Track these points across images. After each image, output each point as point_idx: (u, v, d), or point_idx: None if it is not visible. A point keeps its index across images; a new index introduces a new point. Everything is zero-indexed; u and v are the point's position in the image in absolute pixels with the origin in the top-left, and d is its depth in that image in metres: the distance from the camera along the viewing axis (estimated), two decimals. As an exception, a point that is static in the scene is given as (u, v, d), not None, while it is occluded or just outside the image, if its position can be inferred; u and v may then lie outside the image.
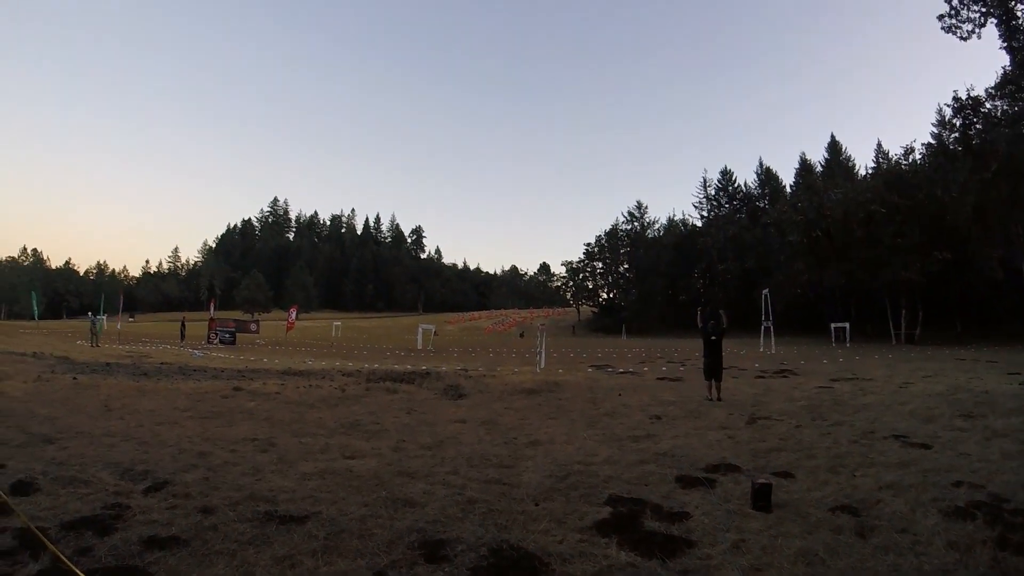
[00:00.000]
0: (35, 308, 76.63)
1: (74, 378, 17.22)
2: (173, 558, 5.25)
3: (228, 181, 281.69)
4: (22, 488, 7.01)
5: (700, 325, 15.43)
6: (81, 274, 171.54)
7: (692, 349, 36.75)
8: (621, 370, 24.04)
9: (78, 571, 4.49)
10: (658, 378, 19.88)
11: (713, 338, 15.10)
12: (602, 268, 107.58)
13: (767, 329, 38.63)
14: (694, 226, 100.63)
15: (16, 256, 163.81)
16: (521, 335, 73.55)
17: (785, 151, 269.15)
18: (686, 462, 8.39)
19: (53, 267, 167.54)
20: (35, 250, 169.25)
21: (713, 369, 14.68)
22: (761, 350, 35.84)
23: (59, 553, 4.77)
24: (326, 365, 25.06)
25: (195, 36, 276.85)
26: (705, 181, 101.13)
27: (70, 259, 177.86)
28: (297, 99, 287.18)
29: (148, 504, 6.63)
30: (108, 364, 22.45)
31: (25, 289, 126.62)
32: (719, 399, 14.21)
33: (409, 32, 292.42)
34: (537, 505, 6.63)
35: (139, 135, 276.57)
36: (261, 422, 11.77)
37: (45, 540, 4.96)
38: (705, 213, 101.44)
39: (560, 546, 5.45)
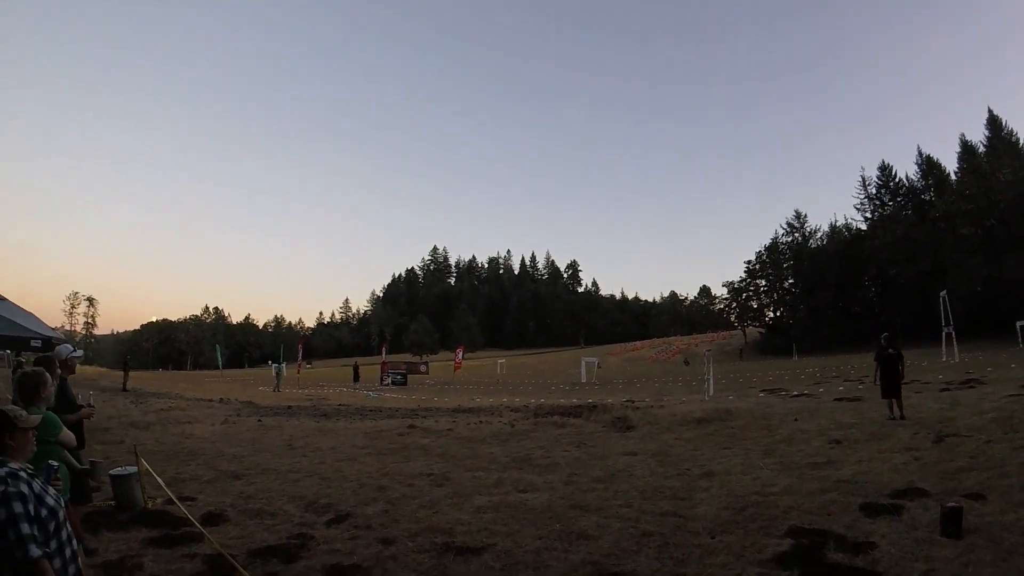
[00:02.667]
0: (219, 359, 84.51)
1: (259, 420, 18.65)
2: (355, 586, 5.39)
3: (391, 234, 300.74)
4: (212, 519, 7.59)
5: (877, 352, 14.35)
6: (260, 327, 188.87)
7: (870, 366, 33.84)
8: (795, 393, 22.49)
9: None
10: (835, 399, 18.37)
11: (890, 351, 13.94)
12: (765, 285, 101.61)
13: (948, 335, 34.78)
14: (858, 230, 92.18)
15: (199, 314, 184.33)
16: (686, 363, 71.14)
17: (943, 132, 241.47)
18: (870, 488, 7.75)
19: (234, 322, 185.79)
20: (216, 308, 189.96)
21: (892, 386, 13.54)
22: (944, 359, 32.29)
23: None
24: (494, 402, 25.50)
25: (338, 95, 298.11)
26: (864, 180, 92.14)
27: (249, 314, 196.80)
28: (451, 145, 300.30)
29: (331, 535, 6.91)
30: (290, 407, 24.18)
31: (209, 343, 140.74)
32: (902, 417, 13.02)
33: (550, 66, 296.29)
34: (714, 538, 6.31)
35: (306, 195, 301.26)
36: (436, 457, 12.10)
37: (235, 563, 5.22)
38: (868, 214, 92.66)
39: None
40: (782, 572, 5.23)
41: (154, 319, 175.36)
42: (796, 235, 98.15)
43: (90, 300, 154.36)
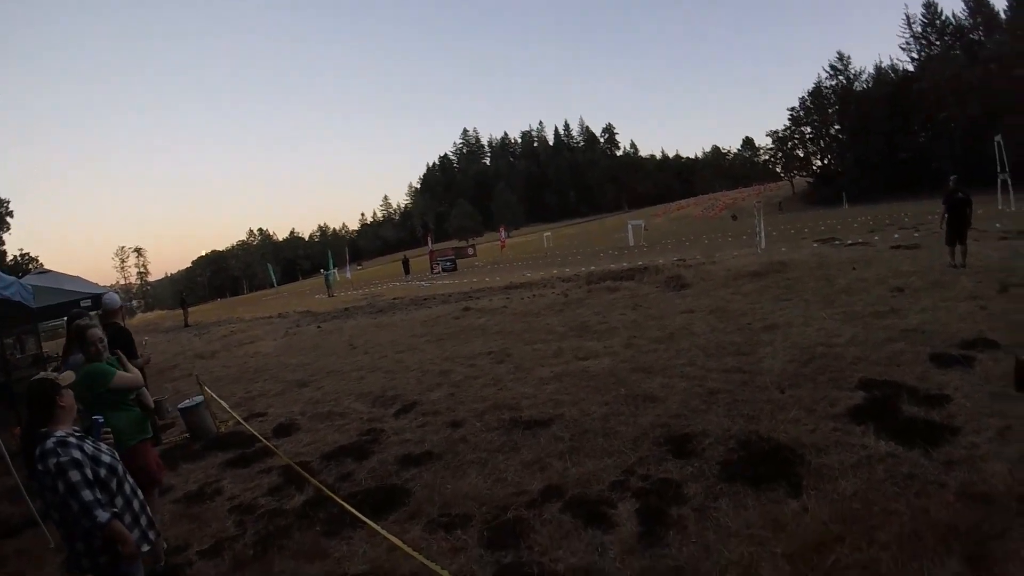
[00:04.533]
0: (272, 276, 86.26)
1: (318, 327, 19.02)
2: (428, 472, 5.44)
3: (420, 122, 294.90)
4: (284, 430, 7.75)
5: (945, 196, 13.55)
6: (307, 239, 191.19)
7: (924, 212, 32.66)
8: (849, 242, 21.75)
9: (335, 496, 4.71)
10: (892, 247, 17.64)
11: (959, 195, 13.15)
12: (811, 133, 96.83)
13: (1003, 183, 32.86)
14: (905, 71, 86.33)
15: (245, 238, 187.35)
16: (734, 217, 69.57)
17: None
18: (938, 338, 7.30)
19: (280, 239, 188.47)
20: (261, 229, 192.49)
21: (957, 232, 12.83)
22: (1000, 207, 30.64)
23: (317, 483, 5.03)
24: (544, 275, 25.48)
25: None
26: (908, 18, 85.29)
27: (294, 229, 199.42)
28: (468, 20, 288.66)
29: (400, 426, 6.98)
30: (346, 309, 24.63)
31: (260, 264, 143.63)
32: (963, 265, 12.42)
33: None
34: (783, 392, 6.10)
35: (332, 98, 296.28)
36: (494, 336, 12.14)
37: (304, 473, 5.27)
38: (915, 55, 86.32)
39: (813, 435, 4.95)
40: (856, 426, 5.02)
41: (203, 253, 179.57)
42: (840, 78, 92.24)
43: (137, 250, 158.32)
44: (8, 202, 40.00)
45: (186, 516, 5.51)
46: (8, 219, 39.93)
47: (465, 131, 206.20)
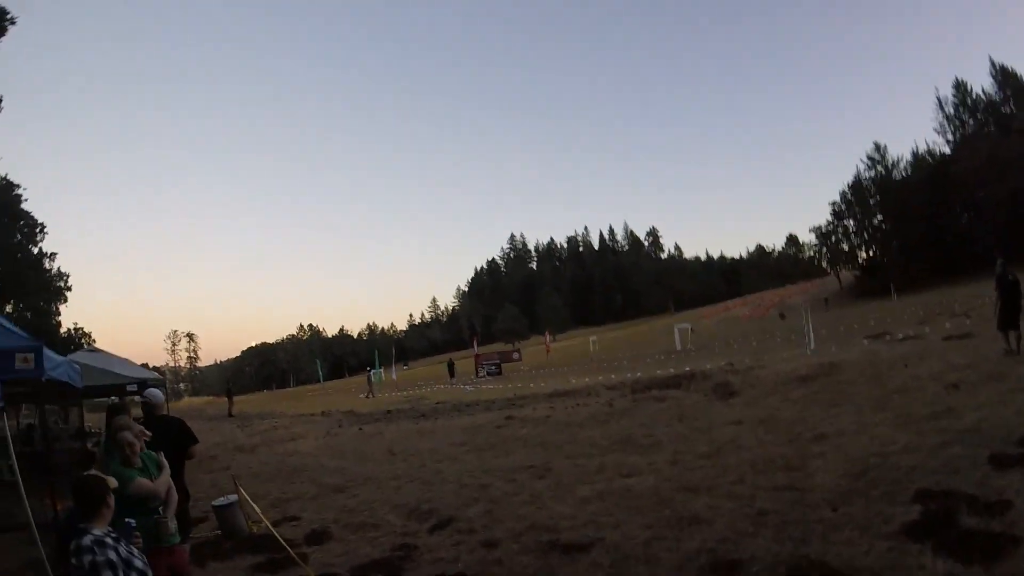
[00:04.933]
0: (319, 372, 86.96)
1: (360, 429, 18.97)
2: (460, 597, 5.18)
3: (468, 228, 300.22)
4: (316, 538, 7.59)
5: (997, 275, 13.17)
6: (355, 336, 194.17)
7: (972, 296, 32.00)
8: (901, 336, 21.13)
9: None
10: (944, 338, 17.11)
11: (1010, 277, 12.78)
12: (854, 226, 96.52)
13: None
14: (942, 154, 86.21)
15: (295, 332, 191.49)
16: (782, 316, 68.59)
17: (1014, 39, 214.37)
18: (996, 437, 6.95)
19: (329, 335, 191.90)
20: (311, 324, 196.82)
21: (1010, 317, 12.38)
22: None
23: None
24: (589, 381, 25.09)
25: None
26: (940, 100, 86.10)
27: (343, 326, 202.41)
28: (514, 130, 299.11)
29: (434, 543, 6.77)
30: (389, 411, 24.53)
31: (308, 359, 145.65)
32: (1018, 351, 11.93)
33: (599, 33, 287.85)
34: (835, 511, 5.77)
35: (384, 202, 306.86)
36: (535, 448, 11.90)
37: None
38: (950, 136, 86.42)
39: (867, 558, 4.64)
40: (913, 545, 4.71)
41: (253, 344, 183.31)
42: (879, 168, 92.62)
43: (190, 336, 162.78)
44: (68, 276, 41.65)
45: None
46: (66, 292, 41.42)
47: (512, 236, 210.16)
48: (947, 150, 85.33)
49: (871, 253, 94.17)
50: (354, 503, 9.26)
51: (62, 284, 41.01)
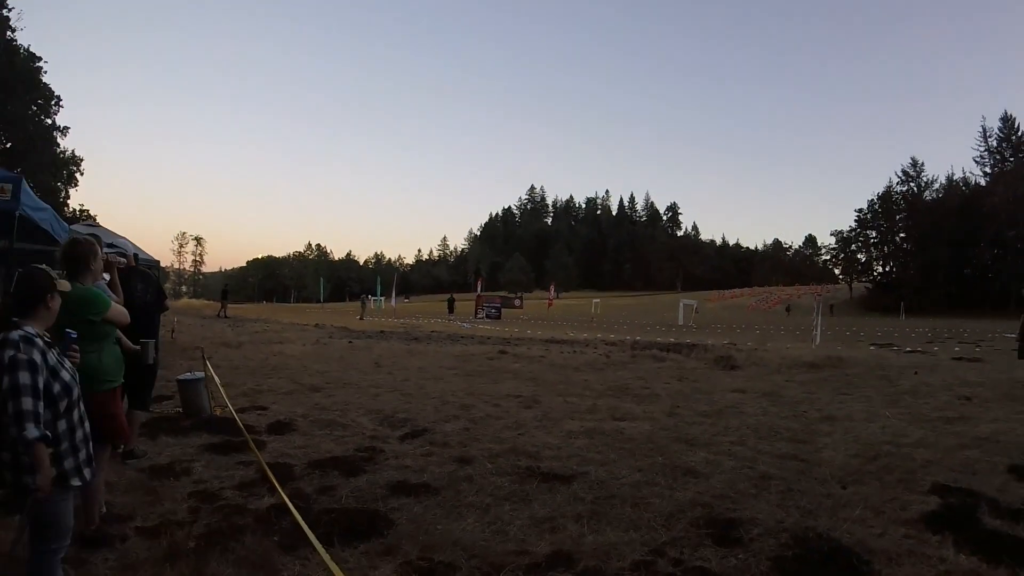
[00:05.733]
0: (321, 292, 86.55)
1: (349, 342, 18.49)
2: (419, 506, 4.62)
3: (488, 173, 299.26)
4: (279, 428, 7.07)
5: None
6: (361, 263, 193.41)
7: (984, 330, 31.72)
8: (908, 349, 20.54)
9: (292, 506, 4.02)
10: (953, 358, 16.48)
11: None
12: (876, 237, 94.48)
13: None
14: (977, 184, 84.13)
15: (303, 251, 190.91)
16: (788, 310, 68.03)
17: None
18: (1015, 450, 6.46)
19: (336, 258, 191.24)
20: (319, 244, 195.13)
21: None
22: None
23: (282, 492, 4.32)
24: (588, 336, 24.69)
25: (450, 39, 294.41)
26: (985, 131, 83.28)
27: (351, 251, 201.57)
28: (550, 87, 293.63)
29: (403, 450, 6.21)
30: (382, 332, 24.17)
31: (312, 278, 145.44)
32: None
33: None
34: (845, 488, 5.22)
35: (406, 136, 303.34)
36: (526, 381, 11.35)
37: (269, 472, 4.54)
38: (988, 169, 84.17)
39: (881, 540, 4.10)
40: (932, 535, 4.16)
41: (259, 256, 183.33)
42: (911, 184, 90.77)
43: (198, 240, 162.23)
44: (81, 160, 40.99)
45: (143, 488, 4.94)
46: (77, 176, 40.86)
47: (532, 188, 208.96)
48: (983, 181, 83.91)
49: (887, 268, 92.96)
50: (328, 402, 8.72)
51: (74, 168, 40.45)
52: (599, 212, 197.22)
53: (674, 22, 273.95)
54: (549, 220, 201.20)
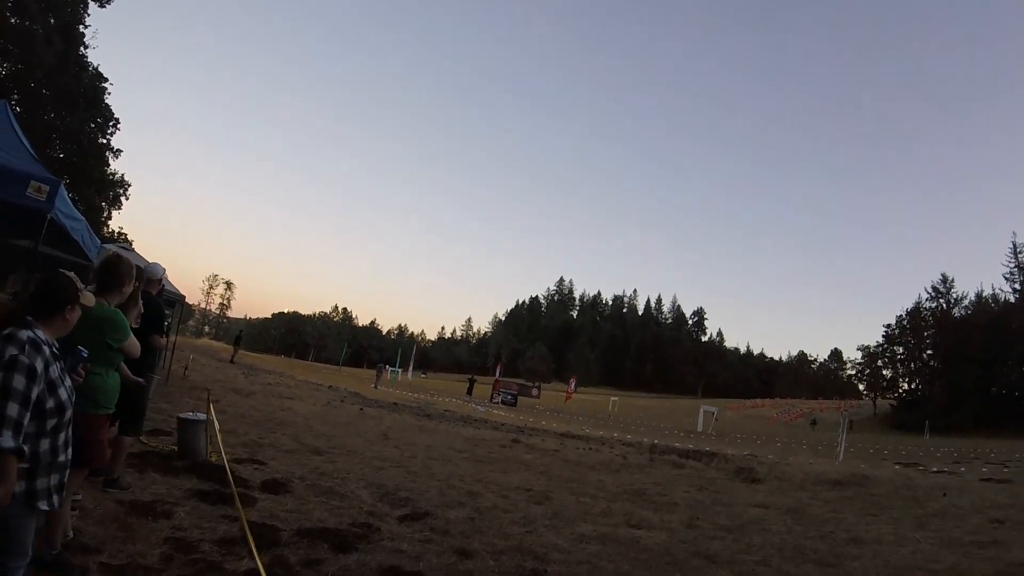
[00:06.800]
0: (341, 354, 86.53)
1: (360, 409, 18.05)
2: (411, 600, 4.10)
3: (521, 259, 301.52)
4: (273, 486, 6.61)
5: None
6: (384, 332, 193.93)
7: (1012, 450, 31.13)
8: (934, 469, 19.55)
9: None
10: (981, 479, 15.61)
11: None
12: (902, 354, 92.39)
13: None
14: (1007, 301, 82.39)
15: (328, 312, 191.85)
16: (813, 423, 66.25)
17: None
18: None
19: (360, 324, 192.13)
20: (345, 308, 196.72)
21: None
22: None
23: (259, 561, 3.91)
24: (604, 434, 23.80)
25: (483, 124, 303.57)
26: (1015, 247, 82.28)
27: (375, 319, 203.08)
28: (589, 184, 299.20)
29: (400, 532, 5.71)
30: (395, 403, 23.62)
31: (333, 339, 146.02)
32: None
33: (690, 101, 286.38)
34: None
35: (442, 216, 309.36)
36: (538, 474, 10.75)
37: (249, 533, 4.15)
38: (1018, 285, 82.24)
39: None
40: None
41: (285, 310, 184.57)
42: (941, 301, 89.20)
43: (228, 284, 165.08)
44: (129, 185, 42.01)
45: (118, 522, 4.60)
46: (123, 199, 41.72)
47: (561, 279, 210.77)
48: (1012, 298, 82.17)
49: (913, 385, 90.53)
50: (328, 468, 8.24)
51: (121, 191, 41.43)
52: (625, 310, 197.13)
53: (705, 137, 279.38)
54: (574, 313, 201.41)
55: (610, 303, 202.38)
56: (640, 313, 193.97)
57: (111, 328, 3.72)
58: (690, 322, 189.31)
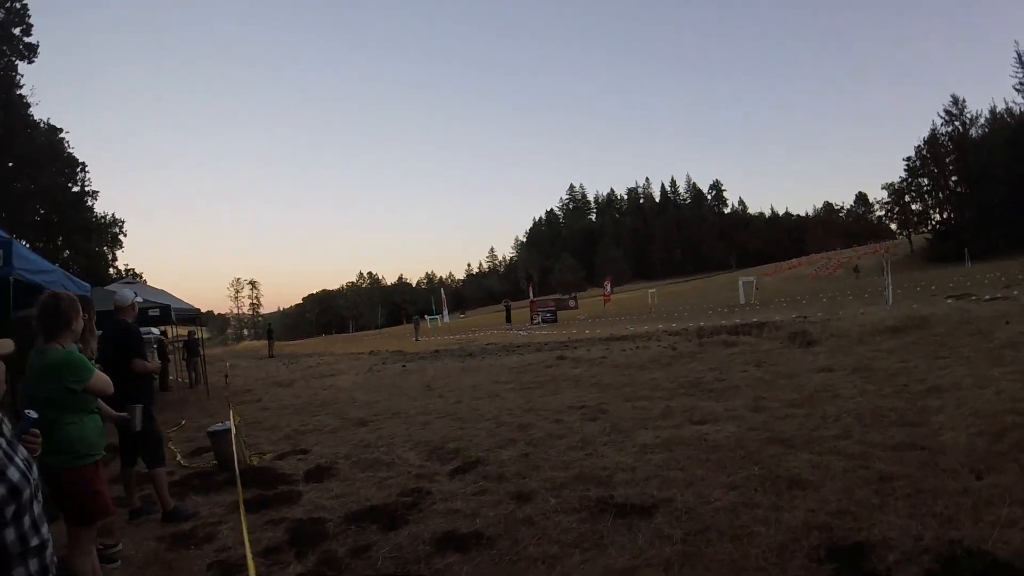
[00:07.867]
0: (378, 318, 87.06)
1: (403, 366, 17.88)
2: (469, 565, 3.78)
3: (528, 177, 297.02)
4: (317, 474, 6.36)
5: None
6: (413, 285, 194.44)
7: None
8: (987, 297, 18.83)
9: None
10: None
11: None
12: (928, 185, 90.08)
13: None
14: (1022, 113, 79.20)
15: (355, 280, 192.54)
16: (856, 270, 65.33)
17: None
18: None
19: (388, 283, 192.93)
20: (371, 272, 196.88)
21: None
22: None
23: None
24: (649, 328, 23.47)
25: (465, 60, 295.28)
26: (1020, 56, 78.65)
27: (402, 275, 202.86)
28: (578, 81, 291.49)
29: (452, 489, 5.38)
30: (436, 351, 23.52)
31: (367, 306, 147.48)
32: None
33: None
34: (981, 479, 4.20)
35: (443, 153, 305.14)
36: (589, 388, 10.46)
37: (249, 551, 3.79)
38: None
39: None
40: None
41: (314, 291, 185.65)
42: (956, 124, 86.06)
43: (252, 283, 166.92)
44: (123, 222, 42.16)
45: (159, 562, 4.37)
46: (121, 238, 41.90)
47: (571, 186, 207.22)
48: None
49: (945, 215, 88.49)
50: (373, 437, 8.00)
51: (116, 230, 41.48)
52: (642, 201, 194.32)
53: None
54: (593, 216, 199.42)
55: (626, 198, 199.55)
56: (657, 200, 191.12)
57: (67, 371, 3.36)
58: (709, 197, 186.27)
